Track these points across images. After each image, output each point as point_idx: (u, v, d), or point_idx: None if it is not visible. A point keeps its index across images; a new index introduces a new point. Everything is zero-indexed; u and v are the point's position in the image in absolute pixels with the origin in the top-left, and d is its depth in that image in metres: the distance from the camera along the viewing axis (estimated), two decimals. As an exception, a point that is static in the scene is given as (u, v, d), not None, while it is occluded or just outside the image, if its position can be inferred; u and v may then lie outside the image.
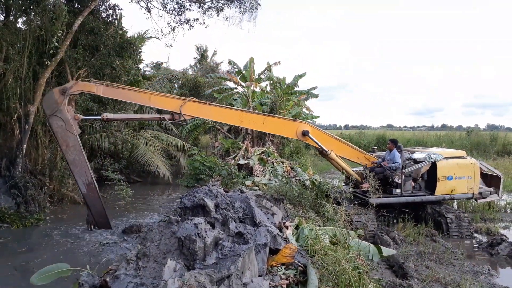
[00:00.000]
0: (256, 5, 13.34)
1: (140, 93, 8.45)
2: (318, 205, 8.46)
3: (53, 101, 7.75)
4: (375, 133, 35.29)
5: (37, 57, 10.20)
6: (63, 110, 7.74)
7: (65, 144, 7.85)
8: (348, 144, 9.87)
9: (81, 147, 7.89)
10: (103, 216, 8.34)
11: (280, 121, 9.46)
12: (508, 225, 9.86)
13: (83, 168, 8.01)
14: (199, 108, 8.63)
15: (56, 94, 7.75)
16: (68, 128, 7.80)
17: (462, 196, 9.49)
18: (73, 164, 7.97)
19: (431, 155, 9.38)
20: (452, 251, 7.25)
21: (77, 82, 8.05)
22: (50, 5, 10.31)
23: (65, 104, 7.75)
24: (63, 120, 7.76)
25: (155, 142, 16.46)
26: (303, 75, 22.12)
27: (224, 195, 5.37)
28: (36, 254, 7.21)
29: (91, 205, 8.16)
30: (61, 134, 7.83)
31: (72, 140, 7.86)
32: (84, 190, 8.06)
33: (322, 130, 9.65)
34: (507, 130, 36.87)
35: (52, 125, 7.72)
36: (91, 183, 8.03)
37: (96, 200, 8.18)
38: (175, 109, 8.38)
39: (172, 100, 8.51)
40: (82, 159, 7.94)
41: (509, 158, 22.94)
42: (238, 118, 9.09)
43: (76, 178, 8.01)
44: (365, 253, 5.71)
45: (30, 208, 9.50)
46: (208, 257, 3.88)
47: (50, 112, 7.74)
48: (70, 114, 7.84)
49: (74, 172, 7.98)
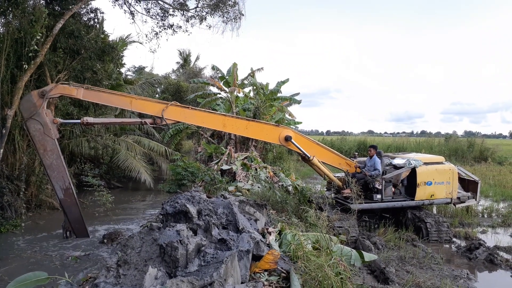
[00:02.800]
0: (239, 15, 13.37)
1: (121, 97, 8.30)
2: (301, 210, 8.49)
3: (31, 104, 7.55)
4: (356, 139, 35.72)
5: (16, 60, 9.96)
6: (42, 114, 7.55)
7: (42, 148, 7.67)
8: (329, 150, 9.94)
9: (59, 151, 7.74)
10: (80, 223, 8.24)
11: (263, 126, 9.46)
12: (486, 229, 10.08)
13: (60, 173, 7.85)
14: (182, 112, 8.55)
15: (35, 97, 7.56)
16: (46, 132, 7.61)
17: (441, 201, 9.67)
18: (51, 169, 7.80)
19: (411, 161, 9.53)
20: (432, 255, 7.37)
21: (56, 85, 7.88)
22: (29, 7, 10.10)
23: (43, 107, 7.58)
24: (41, 124, 7.57)
25: (136, 147, 16.25)
26: (286, 81, 22.26)
27: (207, 201, 5.34)
28: (4, 263, 6.97)
29: (68, 211, 8.02)
30: (38, 138, 7.63)
31: (50, 144, 7.69)
32: (61, 195, 7.91)
33: (304, 136, 9.69)
34: (483, 137, 37.83)
35: (29, 128, 7.54)
36: (68, 188, 7.90)
37: (73, 206, 8.03)
38: (157, 113, 8.28)
39: (154, 104, 8.42)
40: (60, 163, 7.79)
41: (485, 164, 23.56)
42: (221, 123, 9.02)
43: (53, 183, 7.86)
44: (347, 259, 5.75)
45: (6, 214, 9.23)
46: (190, 264, 3.84)
47: (27, 115, 7.54)
48: (48, 117, 7.67)
49: (51, 177, 7.85)
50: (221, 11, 13.14)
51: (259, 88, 21.81)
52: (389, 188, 9.45)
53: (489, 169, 21.21)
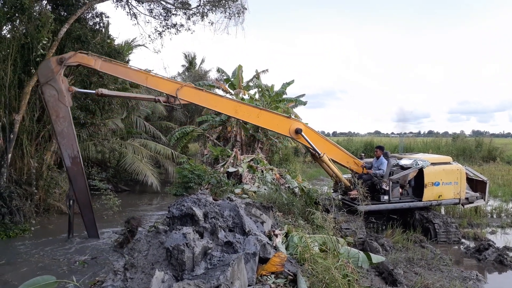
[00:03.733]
0: (242, 10, 13.28)
1: (138, 72, 8.43)
2: (308, 212, 8.46)
3: (49, 69, 7.73)
4: (363, 139, 35.61)
5: (23, 65, 10.05)
6: (58, 80, 7.73)
7: (55, 115, 7.83)
8: (338, 147, 9.92)
9: (71, 119, 7.91)
10: (84, 194, 8.33)
11: (275, 116, 9.51)
12: (495, 230, 9.98)
13: (70, 140, 8.00)
14: (196, 94, 8.70)
15: (53, 63, 7.74)
16: (60, 99, 7.77)
17: (449, 201, 9.59)
18: (61, 136, 7.96)
19: (418, 162, 9.47)
20: (440, 257, 7.31)
21: (75, 53, 8.06)
22: (35, 13, 10.20)
23: (60, 74, 7.76)
24: (56, 90, 7.74)
25: (143, 151, 16.32)
26: (291, 83, 22.23)
27: (213, 204, 5.33)
28: (13, 267, 7.01)
29: (73, 180, 8.11)
30: (52, 104, 7.80)
31: (63, 111, 7.85)
32: (68, 163, 8.03)
33: (314, 131, 9.63)
34: (492, 136, 37.51)
35: (44, 93, 7.73)
36: (76, 157, 8.07)
37: (80, 176, 8.15)
38: (171, 92, 8.40)
39: (169, 83, 8.55)
40: (71, 131, 7.96)
41: (494, 163, 23.33)
42: (233, 108, 9.10)
43: (62, 150, 8.01)
44: (355, 261, 5.71)
45: (15, 219, 9.29)
46: (197, 267, 3.84)
47: (44, 80, 7.73)
48: (64, 84, 7.85)
49: (61, 144, 8.00)
50: (223, 7, 13.07)
51: (264, 90, 21.82)
52: (396, 189, 9.39)
53: (497, 168, 21.00)
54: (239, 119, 9.55)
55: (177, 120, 25.37)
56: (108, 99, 12.59)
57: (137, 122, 18.77)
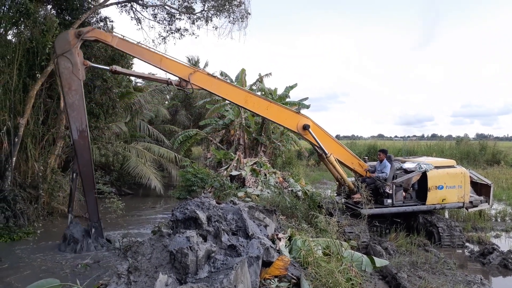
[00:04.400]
0: (246, 15, 13.36)
1: (153, 53, 8.61)
2: (311, 216, 8.46)
3: (66, 41, 7.87)
4: (366, 143, 35.53)
5: (27, 69, 10.13)
6: (74, 53, 7.87)
7: (67, 87, 7.97)
8: (344, 148, 9.95)
9: (82, 93, 8.06)
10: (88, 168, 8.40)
11: (284, 110, 9.51)
12: (499, 234, 9.93)
13: (79, 114, 8.11)
14: (208, 80, 8.84)
15: (71, 35, 7.88)
16: (74, 71, 7.91)
17: (453, 205, 9.55)
18: (71, 108, 8.07)
19: (421, 165, 9.44)
20: (444, 260, 7.27)
21: (93, 28, 8.37)
22: (40, 17, 10.28)
23: (77, 47, 7.91)
24: (71, 63, 7.88)
25: (146, 154, 16.36)
26: (294, 86, 22.27)
27: (216, 207, 5.35)
28: (16, 270, 7.02)
29: (79, 154, 8.21)
30: (66, 76, 7.93)
31: (76, 84, 7.98)
32: (76, 136, 8.14)
33: (322, 128, 9.59)
34: (495, 139, 37.36)
35: (59, 65, 7.88)
36: (84, 131, 8.17)
37: (85, 150, 8.26)
38: (184, 76, 8.54)
39: (183, 66, 8.69)
40: (81, 105, 8.08)
41: (498, 167, 23.21)
42: (243, 98, 9.20)
43: (71, 122, 8.11)
44: (358, 264, 5.71)
45: (19, 222, 9.32)
46: (200, 271, 3.85)
47: (60, 51, 7.86)
48: (79, 58, 7.99)
49: (70, 116, 8.09)
50: (227, 12, 13.15)
51: (267, 93, 21.87)
52: (399, 192, 9.37)
53: (502, 172, 20.89)
54: (248, 110, 9.74)
55: (180, 123, 25.46)
56: (112, 103, 12.68)
57: (141, 125, 18.85)
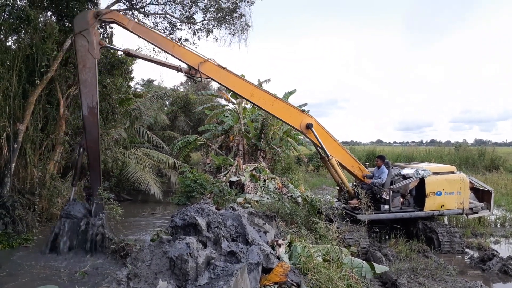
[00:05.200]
0: (246, 27, 13.46)
1: (166, 39, 9.08)
2: (311, 222, 8.44)
3: (85, 21, 8.23)
4: (365, 148, 35.58)
5: (27, 75, 10.14)
6: (91, 32, 8.23)
7: (82, 64, 8.31)
8: (346, 150, 9.97)
9: (96, 71, 8.41)
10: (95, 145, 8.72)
11: (289, 108, 9.65)
12: (499, 239, 9.92)
13: (91, 91, 8.45)
14: (217, 71, 9.13)
15: (90, 15, 8.26)
16: (90, 50, 8.25)
17: (452, 211, 9.51)
18: (84, 85, 8.42)
19: (419, 171, 9.42)
20: (444, 267, 7.26)
21: (111, 10, 8.92)
22: (41, 24, 10.32)
23: (94, 27, 8.32)
24: (88, 41, 8.24)
25: (145, 160, 16.34)
26: (293, 92, 22.32)
27: (216, 213, 5.35)
28: (14, 278, 6.98)
29: (88, 130, 8.56)
30: (81, 54, 8.28)
31: (90, 62, 8.32)
32: (86, 112, 8.48)
33: (325, 129, 9.67)
34: (494, 145, 37.39)
35: (76, 42, 8.25)
36: (94, 108, 8.50)
37: (94, 127, 8.56)
38: (194, 64, 8.86)
39: (194, 55, 8.97)
40: (94, 82, 8.43)
41: (497, 172, 23.24)
42: (250, 92, 9.40)
43: (82, 99, 8.45)
44: (358, 271, 5.70)
45: (17, 228, 9.28)
46: (200, 277, 3.84)
47: (78, 30, 8.24)
48: (96, 37, 8.36)
49: (82, 93, 8.44)
50: (228, 24, 13.25)
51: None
52: (397, 198, 9.35)
53: (501, 178, 20.91)
54: (254, 103, 9.95)
55: (179, 129, 25.48)
56: (111, 109, 12.72)
57: (140, 131, 18.85)
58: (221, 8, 12.81)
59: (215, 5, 12.78)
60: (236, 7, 12.94)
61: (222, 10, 12.86)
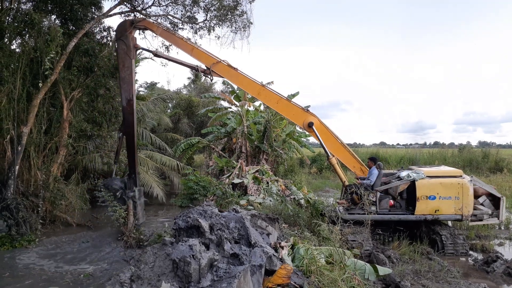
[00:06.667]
0: (248, 24, 13.44)
1: (186, 43, 10.57)
2: (314, 224, 8.43)
3: (124, 28, 10.11)
4: (369, 150, 35.52)
5: (31, 78, 10.21)
6: (129, 37, 10.06)
7: (122, 64, 10.15)
8: (348, 150, 10.06)
9: (133, 69, 10.21)
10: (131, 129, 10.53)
11: (293, 106, 10.29)
12: (503, 242, 9.87)
13: (129, 86, 10.23)
14: (228, 70, 10.29)
15: (127, 24, 10.15)
16: (127, 52, 10.06)
17: (448, 217, 9.10)
18: (123, 81, 10.26)
19: (411, 174, 9.26)
20: (448, 269, 7.23)
21: (144, 18, 10.95)
22: (45, 27, 10.39)
23: (131, 33, 10.14)
24: (126, 45, 10.07)
25: (148, 162, 16.38)
26: (296, 94, 22.32)
27: (219, 215, 5.35)
28: (17, 280, 7.00)
29: (126, 117, 10.49)
30: (121, 55, 10.12)
31: (128, 62, 10.11)
32: (124, 103, 10.36)
33: (328, 128, 9.95)
34: (498, 147, 37.27)
35: (118, 46, 10.18)
36: (130, 100, 10.30)
37: (131, 115, 10.40)
38: (208, 65, 10.23)
39: (208, 56, 10.27)
40: (131, 79, 10.21)
41: (501, 174, 23.13)
42: (257, 90, 10.39)
43: (122, 93, 10.34)
44: (361, 273, 5.69)
45: (21, 230, 9.32)
46: (203, 279, 3.85)
47: (119, 36, 10.16)
48: (132, 42, 10.15)
49: (122, 88, 10.34)
50: (229, 22, 13.25)
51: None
52: (385, 200, 9.26)
53: (505, 180, 20.80)
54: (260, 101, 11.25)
55: (182, 131, 25.51)
56: (115, 112, 12.83)
57: (143, 133, 18.89)
58: (222, 6, 12.84)
59: (216, 3, 12.79)
60: (237, 5, 12.95)
61: (224, 8, 12.89)
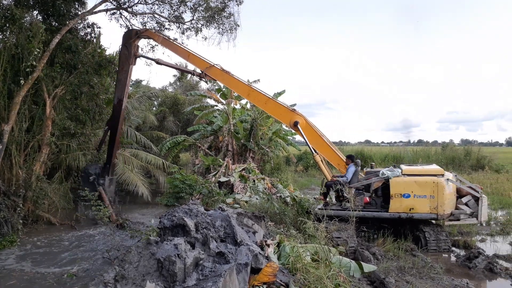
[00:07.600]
0: (235, 26, 13.46)
1: (183, 49, 11.57)
2: (299, 222, 8.46)
3: (129, 36, 11.58)
4: (354, 148, 35.79)
5: (13, 75, 9.99)
6: (132, 44, 11.47)
7: (121, 67, 11.63)
8: (332, 148, 10.26)
9: (130, 74, 11.57)
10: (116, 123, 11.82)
11: (280, 106, 10.75)
12: (485, 238, 10.07)
13: (123, 87, 11.59)
14: (220, 74, 11.14)
15: (133, 32, 11.67)
16: (128, 57, 11.47)
17: (423, 216, 9.02)
18: (119, 82, 11.76)
19: (385, 172, 9.35)
20: (431, 265, 7.33)
21: (147, 29, 12.28)
22: (26, 23, 10.17)
23: (134, 41, 11.56)
24: (128, 52, 11.47)
25: (133, 161, 16.20)
26: (282, 93, 22.38)
27: (205, 214, 5.33)
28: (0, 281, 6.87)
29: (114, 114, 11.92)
30: (122, 59, 11.62)
31: (127, 67, 11.49)
32: (115, 102, 11.79)
33: (313, 127, 10.22)
34: (480, 145, 37.98)
35: (122, 51, 11.68)
36: (121, 100, 11.63)
37: (118, 112, 11.77)
38: (202, 69, 11.16)
39: (202, 61, 11.20)
40: (125, 82, 11.55)
41: (483, 172, 23.61)
42: (247, 91, 11.04)
43: (116, 92, 11.84)
44: (347, 270, 5.73)
45: (2, 231, 9.14)
46: (188, 278, 3.83)
47: (124, 42, 11.56)
48: (134, 49, 11.56)
49: (116, 88, 11.88)
50: (217, 23, 13.25)
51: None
52: (360, 197, 9.36)
53: (486, 177, 21.24)
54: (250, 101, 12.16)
55: (168, 129, 25.31)
56: (98, 109, 12.69)
57: (128, 132, 18.68)
58: (209, 7, 12.82)
59: (203, 4, 12.76)
60: (224, 7, 12.97)
61: (211, 9, 12.87)
